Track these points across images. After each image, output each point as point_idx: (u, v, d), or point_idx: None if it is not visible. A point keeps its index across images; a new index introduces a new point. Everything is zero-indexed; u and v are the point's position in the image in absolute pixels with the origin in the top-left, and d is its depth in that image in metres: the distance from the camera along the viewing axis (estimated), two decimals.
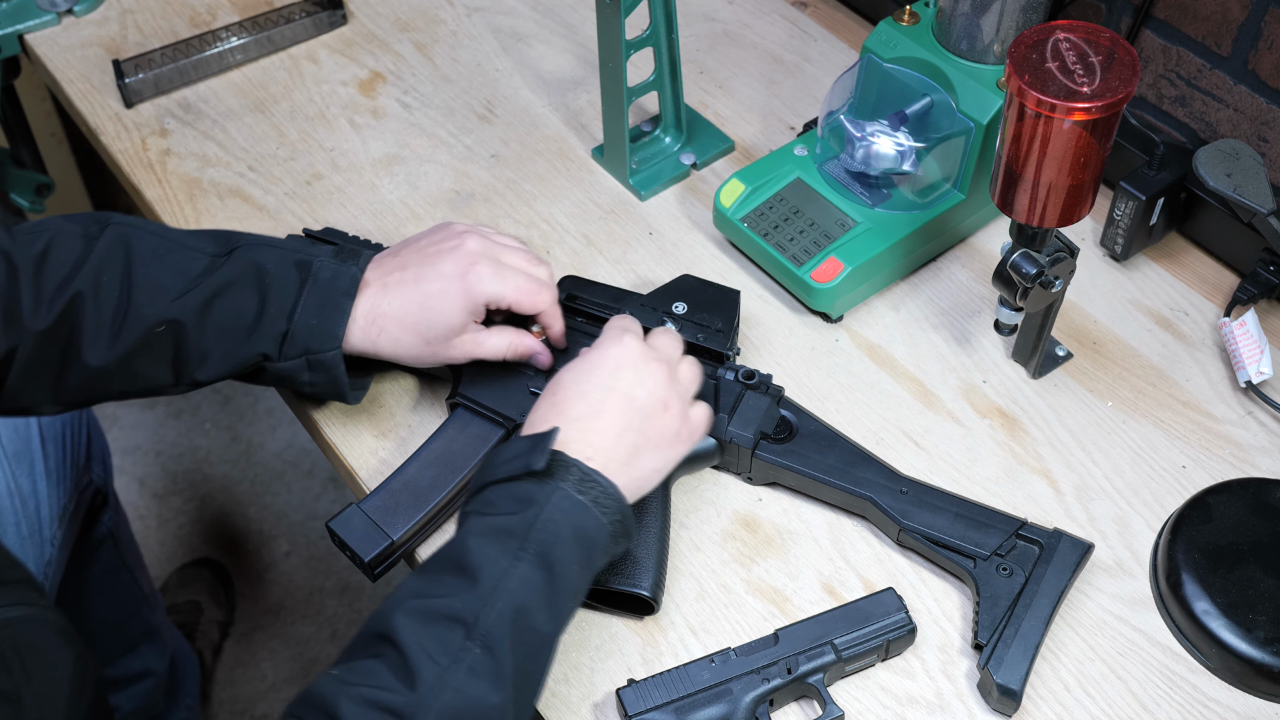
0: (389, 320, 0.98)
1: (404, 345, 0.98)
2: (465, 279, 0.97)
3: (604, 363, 0.92)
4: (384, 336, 0.98)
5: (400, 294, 0.98)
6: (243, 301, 0.96)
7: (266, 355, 0.96)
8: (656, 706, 0.89)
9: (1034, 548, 0.96)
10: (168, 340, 0.96)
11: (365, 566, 0.97)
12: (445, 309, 0.97)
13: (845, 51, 1.39)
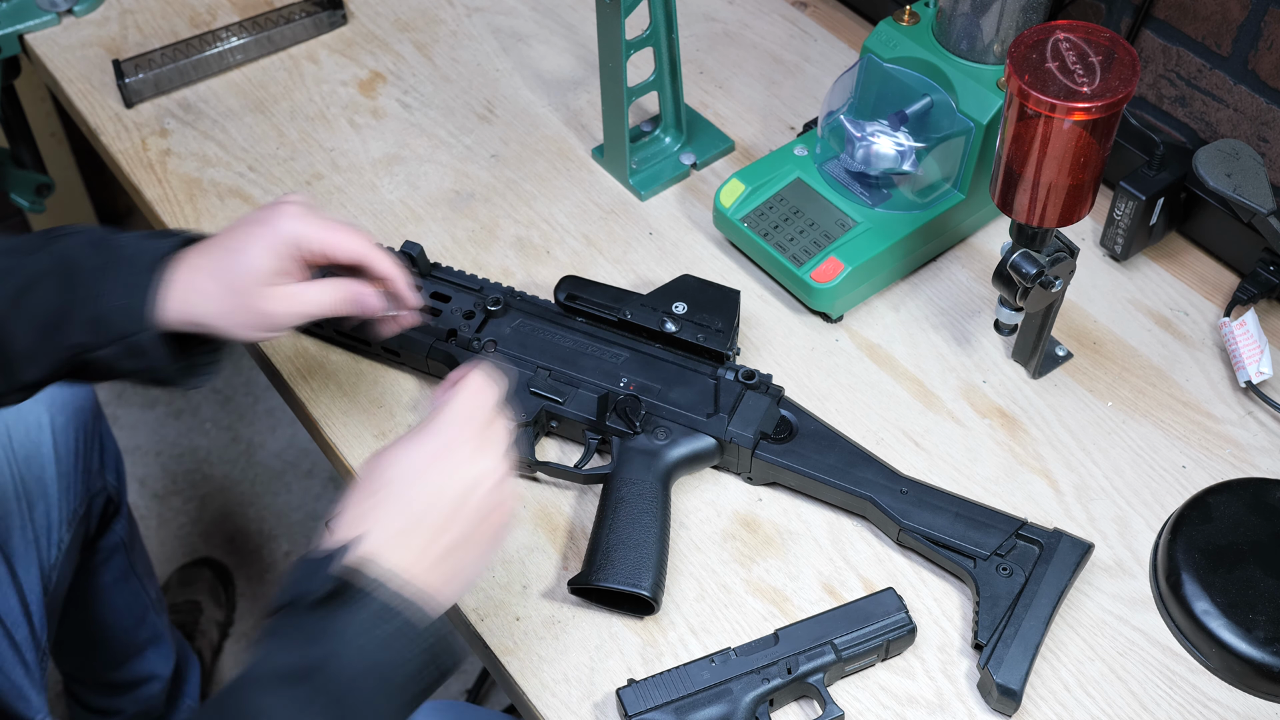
0: (200, 278, 0.89)
1: (217, 302, 0.89)
2: (270, 221, 0.90)
3: (432, 449, 0.80)
4: (197, 297, 0.88)
5: (208, 252, 0.90)
6: (52, 292, 0.89)
7: (83, 345, 0.89)
8: (656, 706, 0.89)
9: (1034, 548, 0.96)
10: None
11: None
12: (250, 250, 0.89)
13: (845, 51, 1.39)
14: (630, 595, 0.95)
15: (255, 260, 0.89)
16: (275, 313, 0.90)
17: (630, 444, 1.01)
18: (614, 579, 0.94)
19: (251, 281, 0.89)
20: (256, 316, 0.89)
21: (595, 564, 0.95)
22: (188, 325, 0.89)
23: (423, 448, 0.80)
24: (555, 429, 1.06)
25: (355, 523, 0.77)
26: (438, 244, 1.21)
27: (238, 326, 0.90)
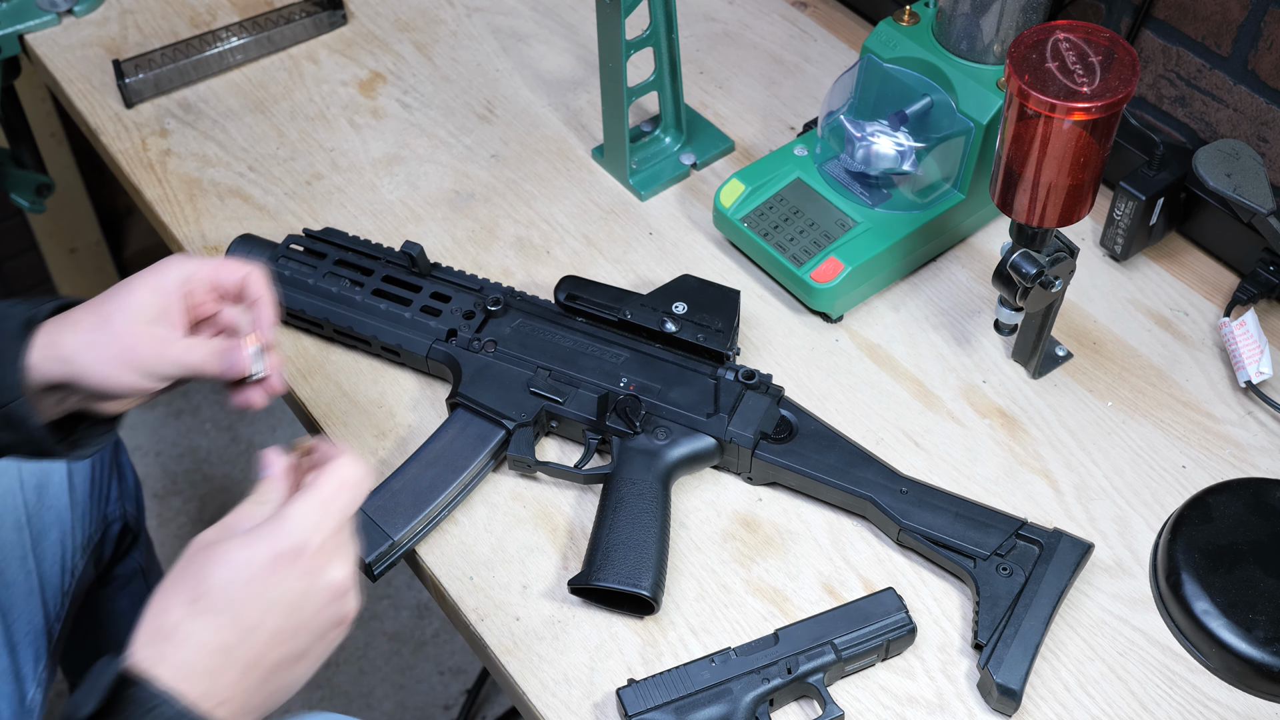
0: (71, 327, 0.84)
1: (86, 337, 0.83)
2: (157, 266, 0.86)
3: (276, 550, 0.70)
4: (68, 336, 0.83)
5: (87, 305, 0.86)
6: None
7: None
8: (656, 706, 0.89)
9: (1034, 548, 0.96)
10: None
11: (365, 566, 0.97)
12: (134, 291, 0.85)
13: (845, 51, 1.39)
14: (630, 595, 0.95)
15: (137, 298, 0.85)
16: (146, 355, 0.83)
17: (630, 444, 1.01)
18: (614, 579, 0.94)
19: (130, 318, 0.84)
20: (127, 353, 0.83)
21: (595, 564, 0.95)
22: (56, 374, 0.83)
23: (264, 546, 0.69)
24: (555, 429, 1.06)
25: (164, 631, 0.68)
26: (438, 244, 1.21)
27: (106, 363, 0.83)
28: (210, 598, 0.68)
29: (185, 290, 0.86)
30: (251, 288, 0.87)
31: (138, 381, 0.83)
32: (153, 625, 0.68)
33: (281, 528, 0.71)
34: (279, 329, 1.14)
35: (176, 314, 0.86)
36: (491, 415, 1.03)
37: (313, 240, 1.14)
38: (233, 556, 0.69)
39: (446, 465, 1.01)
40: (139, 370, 0.83)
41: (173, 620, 0.68)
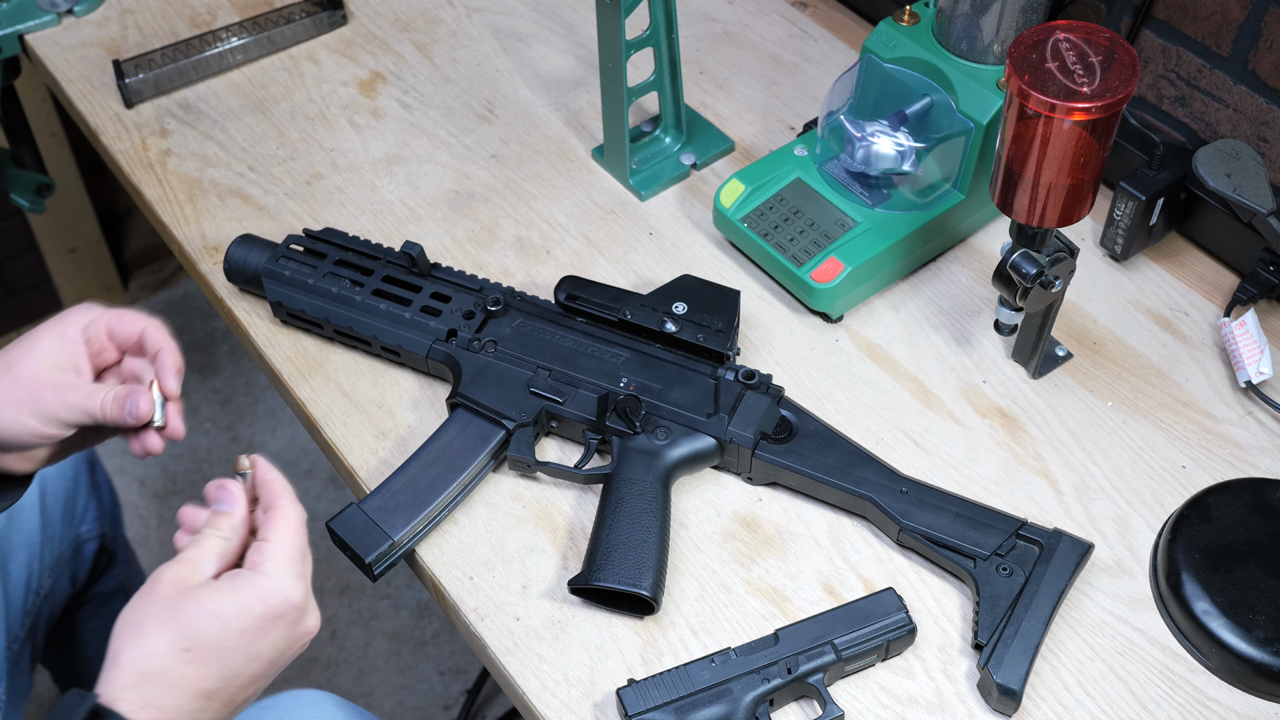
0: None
1: None
2: (61, 316, 0.87)
3: (269, 610, 0.75)
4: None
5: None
6: None
7: None
8: (656, 706, 0.89)
9: (1034, 548, 0.96)
10: None
11: (365, 567, 0.97)
12: (38, 340, 0.86)
13: (845, 51, 1.39)
14: (630, 595, 0.95)
15: (40, 346, 0.85)
16: (48, 399, 0.83)
17: (630, 444, 1.01)
18: (614, 579, 0.94)
19: (33, 364, 0.84)
20: (29, 398, 0.83)
21: (595, 564, 0.95)
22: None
23: (257, 604, 0.74)
24: (555, 429, 1.06)
25: (152, 675, 0.71)
26: (438, 244, 1.21)
27: (7, 407, 0.83)
28: (203, 649, 0.72)
29: (87, 338, 0.86)
30: (150, 339, 0.88)
31: (39, 427, 0.83)
32: (139, 667, 0.71)
33: (272, 587, 0.75)
34: (279, 329, 1.14)
35: (81, 361, 0.86)
36: (491, 415, 1.03)
37: (313, 240, 1.14)
38: (225, 611, 0.73)
39: (446, 465, 1.01)
40: (41, 415, 0.83)
41: (161, 665, 0.71)
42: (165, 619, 0.73)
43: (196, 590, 0.74)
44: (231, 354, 2.28)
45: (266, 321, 1.15)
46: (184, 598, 0.74)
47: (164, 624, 0.73)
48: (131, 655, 0.72)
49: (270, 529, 0.79)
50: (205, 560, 0.76)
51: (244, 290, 1.16)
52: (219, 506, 0.80)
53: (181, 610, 0.73)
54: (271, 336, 1.14)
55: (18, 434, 0.83)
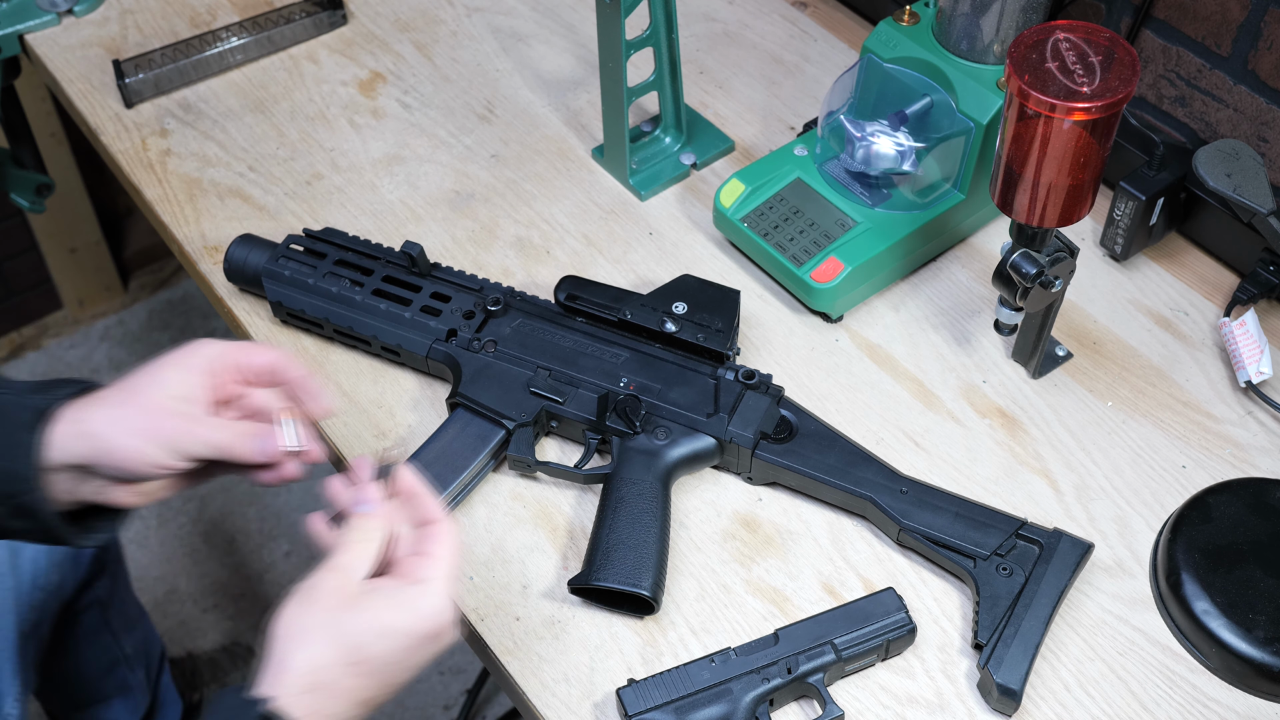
0: (95, 406, 0.83)
1: (113, 412, 0.82)
2: (183, 349, 0.86)
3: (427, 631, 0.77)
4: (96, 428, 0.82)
5: (111, 386, 0.84)
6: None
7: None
8: (656, 706, 0.89)
9: (1034, 548, 0.96)
10: None
11: None
12: (163, 371, 0.84)
13: (845, 51, 1.39)
14: (630, 595, 0.95)
15: (164, 376, 0.84)
16: (173, 430, 0.81)
17: (630, 444, 1.01)
18: (614, 579, 0.94)
19: (157, 395, 0.83)
20: (154, 428, 0.81)
21: (595, 564, 0.95)
22: (79, 453, 0.82)
23: (420, 624, 0.76)
24: (555, 429, 1.06)
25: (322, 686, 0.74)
26: (438, 244, 1.21)
27: (132, 436, 0.81)
28: (369, 664, 0.75)
29: (210, 370, 0.85)
30: (284, 369, 0.86)
31: (163, 458, 0.82)
32: (311, 678, 0.73)
33: (436, 608, 0.77)
34: (279, 329, 1.14)
35: (205, 394, 0.84)
36: (491, 415, 1.03)
37: (313, 240, 1.14)
38: (393, 628, 0.75)
39: (446, 465, 1.01)
40: (165, 446, 0.81)
41: (331, 677, 0.74)
42: (333, 631, 0.75)
43: (361, 602, 0.76)
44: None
45: (266, 321, 1.15)
46: (350, 610, 0.75)
47: (332, 636, 0.75)
48: (302, 663, 0.74)
49: (435, 544, 0.79)
50: (358, 565, 0.78)
51: (244, 290, 1.16)
52: (363, 508, 0.80)
53: (350, 624, 0.75)
54: (271, 336, 1.14)
55: (137, 464, 0.82)
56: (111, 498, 0.84)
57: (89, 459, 0.82)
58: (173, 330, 2.35)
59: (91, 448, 0.81)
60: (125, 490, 0.85)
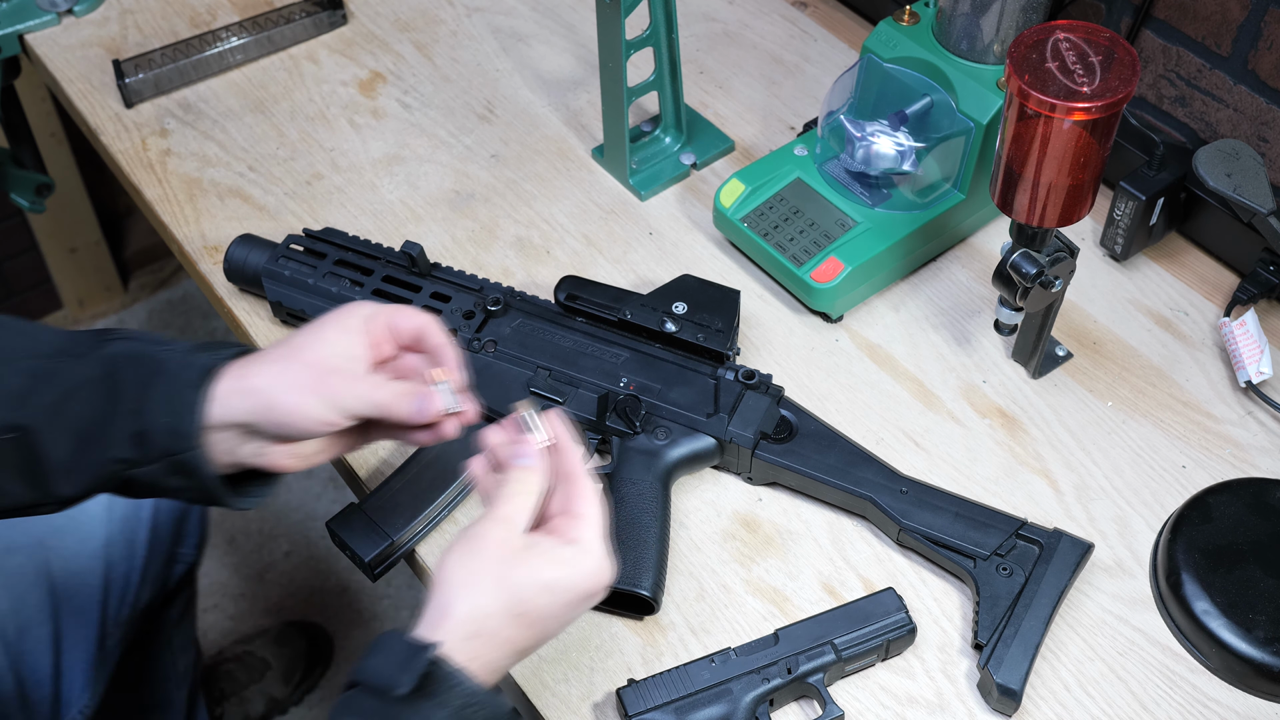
0: (255, 364, 0.83)
1: (276, 368, 0.82)
2: (339, 310, 0.86)
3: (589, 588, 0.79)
4: (259, 384, 0.82)
5: (271, 346, 0.85)
6: (93, 403, 0.83)
7: (125, 460, 0.83)
8: (656, 706, 0.89)
9: (1034, 548, 0.96)
10: (19, 449, 0.83)
11: (365, 566, 0.97)
12: (323, 330, 0.84)
13: (845, 51, 1.39)
14: (630, 595, 0.94)
15: (325, 334, 0.84)
16: (336, 385, 0.81)
17: (630, 444, 1.01)
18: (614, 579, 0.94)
19: (319, 352, 0.83)
20: (317, 382, 0.81)
21: None
22: (242, 410, 0.82)
23: (583, 581, 0.78)
24: None
25: (485, 635, 0.76)
26: (438, 244, 1.21)
27: (296, 390, 0.81)
28: (530, 616, 0.77)
29: (367, 330, 0.85)
30: (430, 334, 0.86)
31: (326, 414, 0.81)
32: (475, 626, 0.76)
33: (596, 568, 0.79)
34: (279, 329, 1.14)
35: (364, 352, 0.85)
36: (492, 415, 1.03)
37: (313, 240, 1.14)
38: (557, 585, 0.77)
39: (446, 465, 1.01)
40: (328, 402, 0.81)
41: (494, 626, 0.76)
42: (500, 583, 0.76)
43: (527, 556, 0.77)
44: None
45: (266, 321, 1.15)
46: (516, 563, 0.77)
47: (499, 587, 0.76)
48: (467, 611, 0.76)
49: (583, 503, 0.80)
50: (520, 517, 0.79)
51: (244, 290, 1.16)
52: (521, 461, 0.81)
53: (516, 577, 0.76)
54: (271, 336, 1.14)
55: (300, 420, 0.81)
56: (270, 460, 0.84)
57: (252, 416, 0.82)
58: (172, 330, 2.35)
59: (255, 404, 0.81)
60: (284, 452, 0.84)
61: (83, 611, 1.26)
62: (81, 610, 1.26)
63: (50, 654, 1.24)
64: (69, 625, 1.25)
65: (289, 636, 1.87)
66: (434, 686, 0.73)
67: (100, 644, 1.27)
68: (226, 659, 1.83)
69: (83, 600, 1.26)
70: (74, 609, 1.26)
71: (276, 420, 0.81)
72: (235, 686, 1.80)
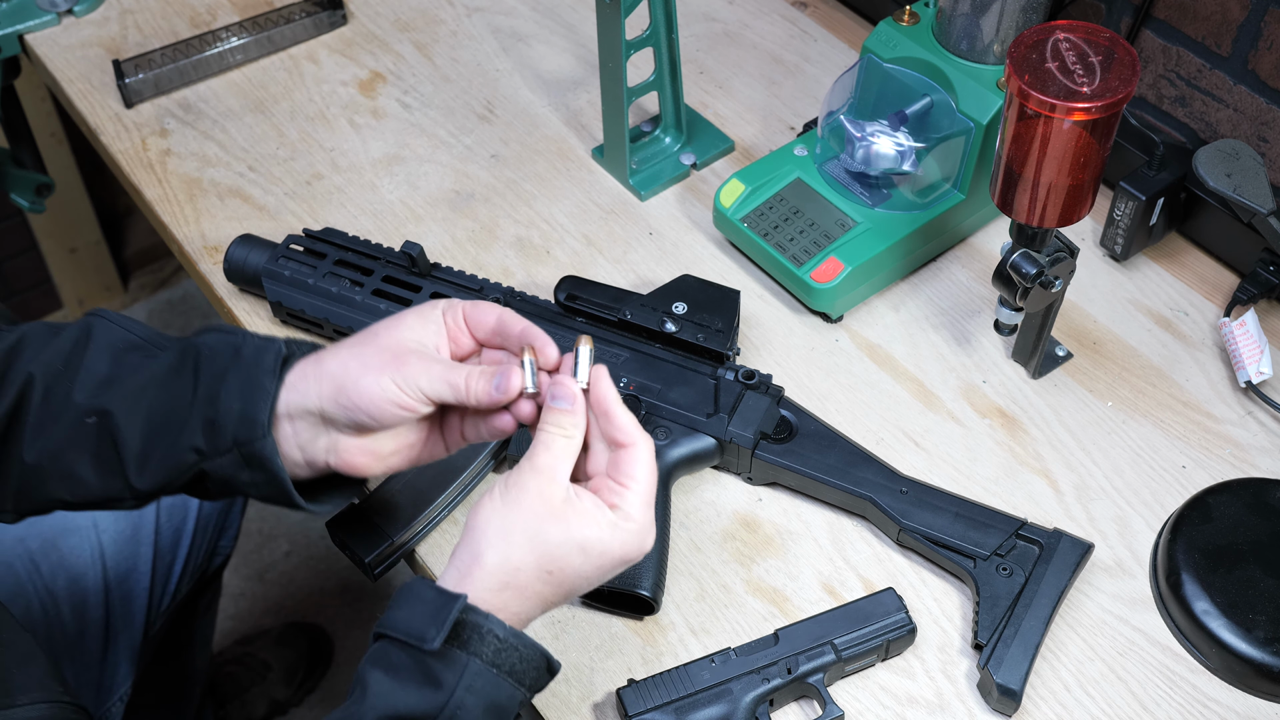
0: (330, 354, 0.82)
1: (349, 352, 0.81)
2: (414, 306, 0.87)
3: (627, 550, 0.78)
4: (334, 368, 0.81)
5: (352, 339, 0.84)
6: (173, 389, 0.83)
7: (199, 450, 0.82)
8: (656, 706, 0.89)
9: (1034, 548, 0.96)
10: (98, 435, 0.83)
11: (365, 566, 0.97)
12: (401, 319, 0.83)
13: (845, 51, 1.39)
14: (630, 595, 0.94)
15: (403, 321, 0.83)
16: (412, 367, 0.79)
17: None
18: (614, 579, 0.94)
19: (398, 337, 0.82)
20: (393, 364, 0.79)
21: None
22: (318, 397, 0.80)
23: (618, 547, 0.77)
24: None
25: (516, 587, 0.75)
26: (438, 244, 1.21)
27: (371, 372, 0.79)
28: (561, 573, 0.76)
29: (444, 321, 0.84)
30: (510, 322, 0.83)
31: (400, 396, 0.79)
32: (505, 577, 0.75)
33: (635, 536, 0.77)
34: (279, 329, 1.14)
35: (442, 342, 0.83)
36: None
37: (313, 240, 1.14)
38: (591, 546, 0.76)
39: (446, 465, 1.01)
40: (404, 381, 0.79)
41: (524, 580, 0.75)
42: (534, 538, 0.75)
43: (564, 512, 0.76)
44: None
45: (266, 321, 1.15)
46: (553, 520, 0.76)
47: (532, 542, 0.75)
48: (498, 562, 0.75)
49: (631, 472, 0.78)
50: (560, 467, 0.77)
51: (244, 290, 1.16)
52: (558, 403, 0.79)
53: (549, 534, 0.75)
54: None
55: (378, 400, 0.79)
56: (345, 459, 0.83)
57: (328, 401, 0.80)
58: (173, 330, 2.35)
59: (330, 388, 0.80)
60: (359, 447, 0.82)
61: (132, 598, 1.27)
62: (130, 597, 1.27)
63: (102, 636, 1.24)
64: (118, 611, 1.26)
65: (290, 637, 1.87)
66: (466, 635, 0.73)
67: (145, 632, 1.28)
68: (228, 661, 1.83)
69: (131, 585, 1.27)
70: (123, 594, 1.26)
71: (352, 403, 0.80)
72: (237, 689, 1.80)
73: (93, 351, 0.85)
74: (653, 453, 0.79)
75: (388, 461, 0.84)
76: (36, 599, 1.21)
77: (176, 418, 0.82)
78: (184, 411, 0.82)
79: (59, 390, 0.84)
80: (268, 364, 0.82)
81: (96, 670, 1.24)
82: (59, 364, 0.85)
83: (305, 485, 0.85)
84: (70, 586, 1.23)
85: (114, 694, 1.25)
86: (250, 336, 0.84)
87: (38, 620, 1.20)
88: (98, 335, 0.86)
